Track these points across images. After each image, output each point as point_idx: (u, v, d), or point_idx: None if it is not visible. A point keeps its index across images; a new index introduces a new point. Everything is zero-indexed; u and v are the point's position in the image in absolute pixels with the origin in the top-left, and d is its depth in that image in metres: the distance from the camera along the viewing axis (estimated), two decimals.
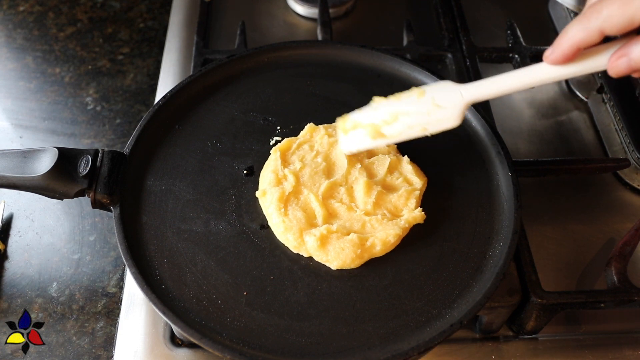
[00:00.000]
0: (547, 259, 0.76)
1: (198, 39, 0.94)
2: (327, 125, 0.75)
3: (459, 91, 0.64)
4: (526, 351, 0.71)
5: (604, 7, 0.46)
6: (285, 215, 0.67)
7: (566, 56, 0.50)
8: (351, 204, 0.69)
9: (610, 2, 0.45)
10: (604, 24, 0.46)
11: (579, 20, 0.48)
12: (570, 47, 0.49)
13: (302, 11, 1.08)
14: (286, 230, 0.66)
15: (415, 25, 1.00)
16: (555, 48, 0.51)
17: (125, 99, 1.00)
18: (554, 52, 0.51)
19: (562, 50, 0.50)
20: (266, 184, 0.70)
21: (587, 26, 0.47)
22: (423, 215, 0.68)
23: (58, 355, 0.72)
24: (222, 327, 0.61)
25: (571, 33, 0.48)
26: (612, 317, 0.74)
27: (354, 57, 0.85)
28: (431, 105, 0.64)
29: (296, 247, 0.66)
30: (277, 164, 0.71)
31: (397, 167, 0.72)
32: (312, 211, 0.68)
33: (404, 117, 0.65)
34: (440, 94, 0.64)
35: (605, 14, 0.45)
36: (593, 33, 0.47)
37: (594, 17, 0.46)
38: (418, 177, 0.71)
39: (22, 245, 0.82)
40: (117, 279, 0.79)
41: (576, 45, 0.49)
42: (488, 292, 0.63)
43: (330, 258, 0.65)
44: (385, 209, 0.69)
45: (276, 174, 0.70)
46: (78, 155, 0.69)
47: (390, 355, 0.59)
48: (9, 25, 1.12)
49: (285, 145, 0.73)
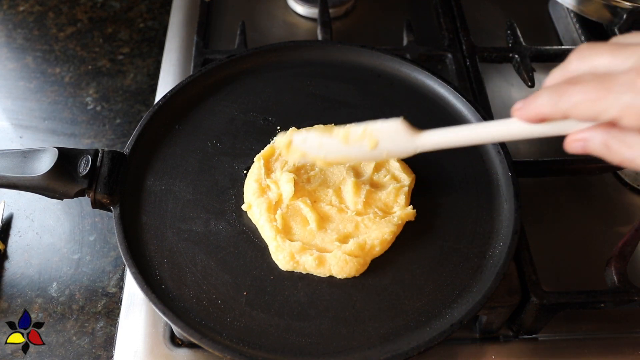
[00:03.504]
0: (547, 259, 0.76)
1: (198, 39, 0.94)
2: (309, 128, 0.75)
3: (414, 144, 0.60)
4: (526, 351, 0.71)
5: (577, 93, 0.44)
6: (278, 233, 0.66)
7: (531, 121, 0.49)
8: (341, 206, 0.69)
9: (585, 89, 0.44)
10: (570, 111, 0.45)
11: (552, 92, 0.46)
12: (536, 116, 0.48)
13: (302, 11, 1.08)
14: (277, 251, 0.65)
15: (415, 25, 1.00)
16: (523, 110, 0.49)
17: (125, 99, 1.00)
18: (522, 112, 0.49)
19: (529, 115, 0.49)
20: (250, 195, 0.70)
21: (555, 104, 0.46)
22: (414, 213, 0.68)
23: (58, 355, 0.72)
24: (222, 327, 0.61)
25: (540, 102, 0.47)
26: (612, 317, 0.74)
27: (354, 57, 0.85)
28: (382, 155, 0.62)
29: (293, 267, 0.65)
30: (260, 173, 0.71)
31: (384, 165, 0.72)
32: (303, 217, 0.68)
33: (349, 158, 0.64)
34: (393, 146, 0.61)
35: (575, 100, 0.44)
36: (558, 114, 0.46)
37: (564, 99, 0.45)
38: (406, 174, 0.71)
39: (22, 245, 0.82)
40: (117, 279, 0.79)
41: (542, 117, 0.48)
42: (488, 292, 0.63)
43: (334, 272, 0.64)
44: (375, 207, 0.69)
45: (259, 183, 0.70)
46: (78, 155, 0.69)
47: (390, 355, 0.59)
48: (9, 25, 1.12)
49: (268, 152, 0.73)
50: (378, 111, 0.80)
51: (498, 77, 1.01)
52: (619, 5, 0.91)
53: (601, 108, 0.43)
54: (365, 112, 0.80)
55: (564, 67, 0.48)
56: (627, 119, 0.42)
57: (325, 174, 0.72)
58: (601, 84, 0.43)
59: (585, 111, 0.44)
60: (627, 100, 0.42)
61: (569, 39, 1.06)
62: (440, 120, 0.79)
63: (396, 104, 0.81)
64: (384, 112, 0.80)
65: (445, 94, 0.81)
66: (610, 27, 1.00)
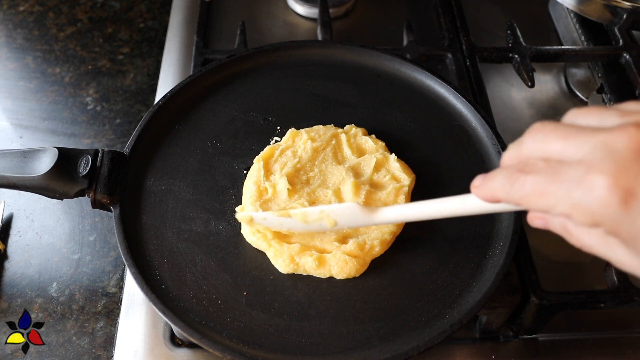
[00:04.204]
0: (547, 259, 0.76)
1: (198, 39, 0.94)
2: (308, 129, 0.75)
3: (372, 220, 0.61)
4: (526, 351, 0.71)
5: (527, 184, 0.42)
6: (272, 239, 0.66)
7: (487, 201, 0.48)
8: None
9: (534, 181, 0.42)
10: (522, 201, 0.43)
11: (505, 178, 0.44)
12: (491, 198, 0.47)
13: (302, 11, 1.08)
14: (276, 256, 0.65)
15: (415, 25, 1.00)
16: (479, 190, 0.48)
17: (125, 99, 1.00)
18: (478, 192, 0.48)
19: (484, 195, 0.47)
20: (247, 198, 0.69)
21: (507, 192, 0.44)
22: None
23: (58, 355, 0.72)
24: (222, 327, 0.61)
25: (494, 185, 0.45)
26: (612, 317, 0.74)
27: (354, 57, 0.85)
28: (343, 229, 0.65)
29: (294, 270, 0.65)
30: (259, 175, 0.71)
31: (384, 165, 0.72)
32: None
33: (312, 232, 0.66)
34: (352, 222, 0.62)
35: (526, 192, 0.42)
36: (512, 202, 0.44)
37: (515, 188, 0.43)
38: (406, 174, 0.71)
39: (22, 245, 0.82)
40: (117, 279, 0.79)
41: (496, 200, 0.46)
42: (488, 292, 0.63)
43: (334, 273, 0.64)
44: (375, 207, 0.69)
45: (258, 185, 0.70)
46: (78, 155, 0.69)
47: (390, 355, 0.59)
48: (9, 25, 1.12)
49: (268, 153, 0.73)
50: (378, 111, 0.80)
51: (498, 77, 1.02)
52: (619, 5, 0.91)
53: (550, 203, 0.41)
54: (365, 112, 0.80)
55: (519, 147, 0.45)
56: (577, 216, 0.40)
57: (324, 175, 0.72)
58: (551, 176, 0.41)
59: (535, 204, 0.42)
60: (576, 198, 0.39)
61: (569, 39, 1.06)
62: (440, 120, 0.79)
63: (396, 104, 0.81)
64: (384, 112, 0.80)
65: (445, 94, 0.81)
66: (610, 27, 1.00)
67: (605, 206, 0.38)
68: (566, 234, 0.45)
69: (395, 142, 0.76)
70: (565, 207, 0.40)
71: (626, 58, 0.95)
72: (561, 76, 1.02)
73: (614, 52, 0.96)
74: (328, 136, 0.74)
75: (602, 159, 0.39)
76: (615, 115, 0.42)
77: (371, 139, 0.74)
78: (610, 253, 0.43)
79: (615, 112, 0.42)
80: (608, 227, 0.39)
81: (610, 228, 0.39)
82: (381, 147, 0.74)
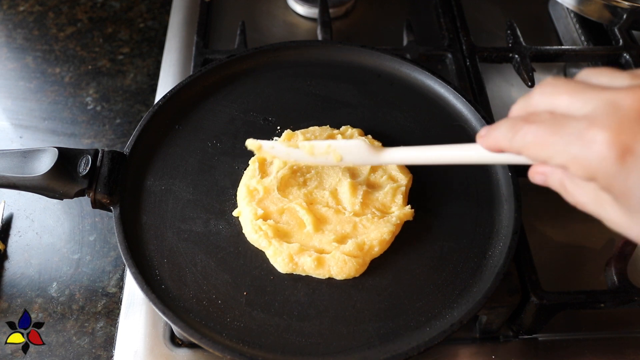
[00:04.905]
0: (547, 259, 0.76)
1: (198, 39, 0.94)
2: (304, 131, 0.75)
3: (378, 159, 0.62)
4: (526, 351, 0.71)
5: (529, 133, 0.43)
6: (272, 237, 0.66)
7: (491, 150, 0.49)
8: (338, 207, 0.68)
9: (537, 131, 0.43)
10: (522, 150, 0.44)
11: (509, 126, 0.45)
12: (495, 147, 0.48)
13: (302, 11, 1.08)
14: (275, 255, 0.65)
15: (415, 25, 1.00)
16: (484, 139, 0.49)
17: (125, 99, 1.00)
18: (483, 141, 0.49)
19: (488, 144, 0.49)
20: (240, 200, 0.69)
21: (510, 139, 0.45)
22: (412, 212, 0.68)
23: (58, 355, 0.72)
24: (222, 327, 0.61)
25: (498, 134, 0.47)
26: (612, 317, 0.74)
27: (354, 57, 0.85)
28: (347, 165, 0.66)
29: (292, 269, 0.65)
30: (254, 176, 0.70)
31: (381, 166, 0.72)
32: (300, 220, 0.68)
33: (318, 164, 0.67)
34: (357, 159, 0.63)
35: (527, 141, 0.43)
36: (513, 150, 0.46)
37: (518, 137, 0.44)
38: (403, 173, 0.71)
39: (22, 245, 0.82)
40: (117, 279, 0.79)
41: (499, 149, 0.48)
42: (488, 292, 0.63)
43: (333, 273, 0.64)
44: (373, 207, 0.69)
45: (247, 186, 0.70)
46: (78, 155, 0.69)
47: (390, 355, 0.59)
48: (9, 25, 1.12)
49: None
50: (378, 111, 0.80)
51: (498, 77, 1.02)
52: (619, 5, 0.91)
53: (549, 154, 0.42)
54: (365, 112, 0.80)
55: (528, 99, 0.46)
56: (574, 169, 0.41)
57: (321, 176, 0.72)
58: (553, 127, 0.42)
59: (534, 153, 0.43)
60: (574, 151, 0.40)
61: (569, 39, 1.06)
62: (440, 120, 0.79)
63: (396, 104, 0.81)
64: (384, 112, 0.80)
65: (445, 94, 0.81)
66: (610, 27, 1.00)
67: (602, 160, 0.39)
68: (562, 191, 0.47)
69: (395, 142, 0.76)
70: (564, 158, 0.41)
71: (626, 58, 0.95)
72: (561, 76, 1.02)
73: (614, 52, 0.96)
74: (324, 137, 0.74)
75: (605, 115, 0.40)
76: (626, 77, 0.43)
77: (367, 139, 0.74)
78: (602, 211, 0.44)
79: (627, 75, 0.43)
80: (602, 182, 0.40)
81: (604, 183, 0.40)
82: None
